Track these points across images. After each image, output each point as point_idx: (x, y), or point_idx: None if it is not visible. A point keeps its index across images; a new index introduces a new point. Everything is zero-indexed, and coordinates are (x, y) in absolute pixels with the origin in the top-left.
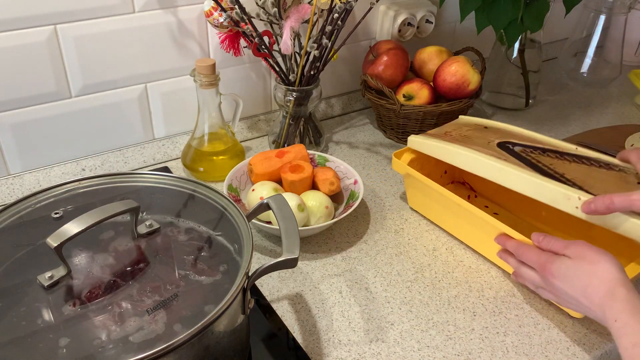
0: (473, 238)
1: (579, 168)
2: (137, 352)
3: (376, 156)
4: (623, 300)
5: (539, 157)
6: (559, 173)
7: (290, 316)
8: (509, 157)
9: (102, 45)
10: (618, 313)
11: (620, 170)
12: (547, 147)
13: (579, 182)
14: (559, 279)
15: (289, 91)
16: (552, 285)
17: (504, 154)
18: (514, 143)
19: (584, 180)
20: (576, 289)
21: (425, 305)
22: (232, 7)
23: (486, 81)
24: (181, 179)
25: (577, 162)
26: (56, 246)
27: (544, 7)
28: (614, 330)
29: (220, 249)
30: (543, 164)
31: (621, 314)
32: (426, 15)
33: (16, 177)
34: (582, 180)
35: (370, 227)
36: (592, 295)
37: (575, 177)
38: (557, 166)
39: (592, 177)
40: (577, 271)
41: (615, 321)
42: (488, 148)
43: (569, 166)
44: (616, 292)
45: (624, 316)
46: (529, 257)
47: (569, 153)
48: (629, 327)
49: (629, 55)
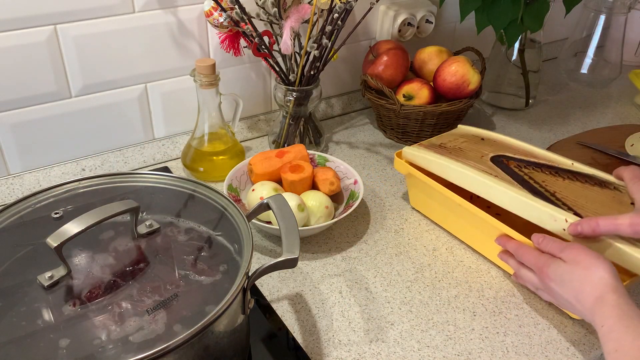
0: (475, 238)
1: (572, 186)
2: (137, 352)
3: (376, 156)
4: (611, 306)
5: (532, 173)
6: (550, 191)
7: (290, 316)
8: (500, 173)
9: (102, 45)
10: (605, 319)
11: (615, 188)
12: (543, 162)
13: (570, 202)
14: (555, 282)
15: (289, 91)
16: (549, 287)
17: (496, 170)
18: (509, 157)
19: (575, 200)
20: (570, 293)
21: (425, 305)
22: (232, 7)
23: (486, 81)
24: (181, 179)
25: (571, 179)
26: (56, 246)
27: (544, 7)
28: (601, 335)
29: (220, 249)
30: (535, 181)
31: (608, 319)
32: (426, 15)
33: (16, 177)
34: (573, 200)
35: (370, 227)
36: (584, 300)
37: (566, 197)
38: (550, 184)
39: (585, 196)
40: (571, 275)
41: (602, 326)
42: (480, 163)
43: (561, 184)
44: (606, 297)
45: (611, 322)
46: (528, 259)
47: (564, 169)
48: (614, 333)
49: (629, 55)
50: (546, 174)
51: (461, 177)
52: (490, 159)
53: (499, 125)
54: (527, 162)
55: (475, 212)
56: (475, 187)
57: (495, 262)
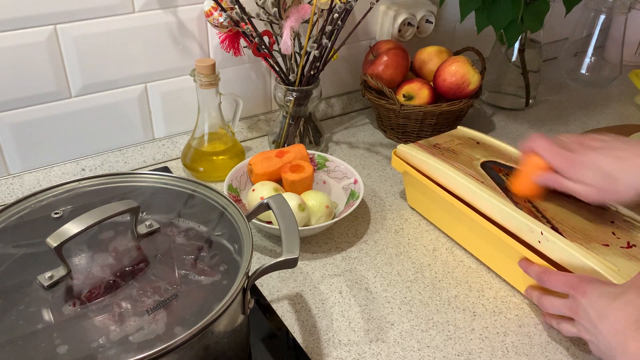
0: (467, 239)
1: (556, 199)
2: (137, 352)
3: (376, 156)
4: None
5: None
6: (532, 202)
7: (290, 316)
8: (487, 179)
9: (102, 45)
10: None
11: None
12: None
13: (550, 214)
14: (592, 302)
15: (289, 91)
16: (582, 308)
17: (483, 175)
18: (500, 164)
19: (556, 214)
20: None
21: (425, 305)
22: (232, 7)
23: (486, 81)
24: (181, 179)
25: (557, 192)
26: (56, 246)
27: (544, 7)
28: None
29: (220, 249)
30: None
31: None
32: (426, 15)
33: (16, 177)
34: (555, 213)
35: (370, 227)
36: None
37: (547, 209)
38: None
39: (567, 210)
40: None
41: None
42: (469, 167)
43: (546, 195)
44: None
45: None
46: (556, 281)
47: None
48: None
49: (629, 55)
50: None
51: (447, 179)
52: (480, 164)
53: (499, 126)
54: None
55: (465, 212)
56: (460, 191)
57: (484, 263)
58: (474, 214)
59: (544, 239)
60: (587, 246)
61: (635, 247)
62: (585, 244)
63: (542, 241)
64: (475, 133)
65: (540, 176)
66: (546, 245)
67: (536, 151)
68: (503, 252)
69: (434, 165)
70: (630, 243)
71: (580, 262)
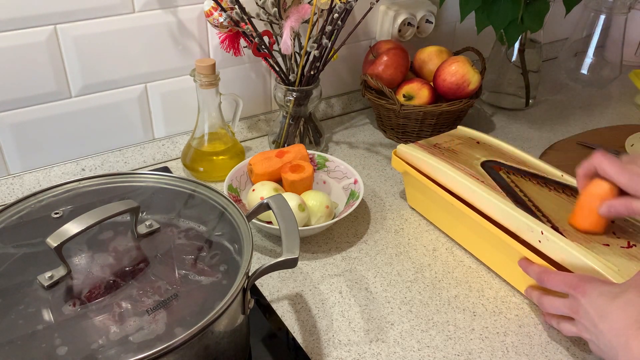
0: (467, 238)
1: (556, 199)
2: (137, 352)
3: (376, 156)
4: None
5: (520, 182)
6: (533, 202)
7: (290, 316)
8: (488, 179)
9: (102, 45)
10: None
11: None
12: (533, 172)
13: (549, 213)
14: (593, 300)
15: (289, 91)
16: (582, 307)
17: (484, 175)
18: (500, 163)
19: (556, 213)
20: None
21: (425, 305)
22: (232, 7)
23: (486, 81)
24: (181, 179)
25: (557, 192)
26: (56, 246)
27: (544, 7)
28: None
29: (220, 249)
30: (520, 190)
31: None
32: (426, 15)
33: (16, 177)
34: (555, 213)
35: (370, 227)
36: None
37: (547, 208)
38: (534, 194)
39: (567, 210)
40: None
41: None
42: (470, 167)
43: (546, 195)
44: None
45: None
46: (556, 280)
47: (553, 180)
48: None
49: (629, 55)
50: (533, 183)
51: (447, 179)
52: (480, 164)
53: (499, 126)
54: (516, 170)
55: (466, 212)
56: (460, 190)
57: (484, 263)
58: (474, 214)
59: (544, 238)
60: (588, 246)
61: (635, 247)
62: (586, 243)
63: (543, 241)
64: (475, 133)
65: (608, 206)
66: (546, 245)
67: (600, 170)
68: (503, 252)
69: (434, 165)
70: (630, 243)
71: (581, 261)
